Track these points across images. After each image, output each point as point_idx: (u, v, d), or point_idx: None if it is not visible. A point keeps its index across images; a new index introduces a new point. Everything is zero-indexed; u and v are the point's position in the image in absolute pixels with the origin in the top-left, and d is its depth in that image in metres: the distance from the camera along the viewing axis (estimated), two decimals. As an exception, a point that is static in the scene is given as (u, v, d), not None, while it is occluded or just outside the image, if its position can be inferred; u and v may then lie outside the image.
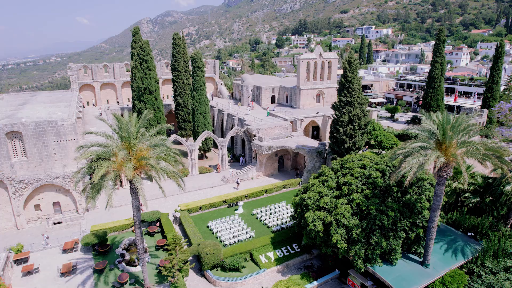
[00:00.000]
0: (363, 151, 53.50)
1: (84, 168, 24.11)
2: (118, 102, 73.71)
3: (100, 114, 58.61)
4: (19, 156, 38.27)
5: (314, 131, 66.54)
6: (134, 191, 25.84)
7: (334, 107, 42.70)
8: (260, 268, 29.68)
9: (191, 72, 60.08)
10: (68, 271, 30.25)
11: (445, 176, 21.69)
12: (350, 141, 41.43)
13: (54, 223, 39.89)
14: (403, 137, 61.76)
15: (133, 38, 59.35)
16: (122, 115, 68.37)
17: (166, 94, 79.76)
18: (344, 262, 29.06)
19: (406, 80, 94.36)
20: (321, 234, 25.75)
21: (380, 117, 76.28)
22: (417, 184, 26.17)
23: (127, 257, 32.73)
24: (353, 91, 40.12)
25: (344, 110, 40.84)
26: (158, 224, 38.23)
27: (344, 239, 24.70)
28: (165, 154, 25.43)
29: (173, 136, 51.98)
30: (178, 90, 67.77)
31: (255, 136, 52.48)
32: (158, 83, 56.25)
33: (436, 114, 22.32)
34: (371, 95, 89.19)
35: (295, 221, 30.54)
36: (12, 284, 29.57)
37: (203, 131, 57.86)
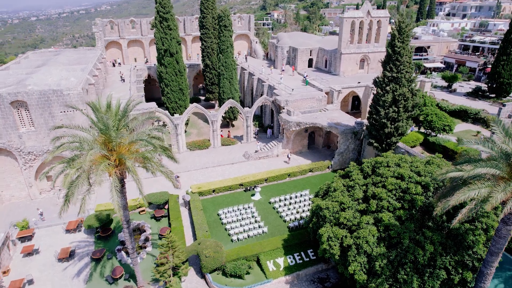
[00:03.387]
0: (411, 130, 45.67)
1: (56, 166, 20.72)
2: (146, 60, 70.06)
3: (123, 80, 55.34)
4: (27, 127, 36.41)
5: (355, 101, 58.99)
6: (118, 189, 22.32)
7: (376, 82, 35.30)
8: (266, 277, 25.90)
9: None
10: (66, 256, 28.69)
11: (516, 214, 15.34)
12: (392, 126, 34.47)
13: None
14: (460, 114, 52.56)
15: (157, -8, 53.69)
16: (148, 75, 65.35)
17: (197, 53, 74.50)
18: (365, 282, 24.28)
19: (473, 41, 79.99)
20: (336, 257, 20.90)
21: (435, 87, 65.76)
22: (472, 205, 19.80)
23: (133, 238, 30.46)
24: (401, 65, 32.34)
25: (388, 88, 33.45)
26: (166, 206, 35.44)
27: (365, 269, 19.70)
28: (153, 148, 21.11)
29: (193, 105, 47.72)
30: (206, 50, 62.47)
31: (283, 108, 46.67)
32: (180, 44, 51.10)
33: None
34: (426, 58, 77.16)
35: (309, 229, 25.68)
36: (11, 265, 28.72)
37: (228, 98, 52.99)
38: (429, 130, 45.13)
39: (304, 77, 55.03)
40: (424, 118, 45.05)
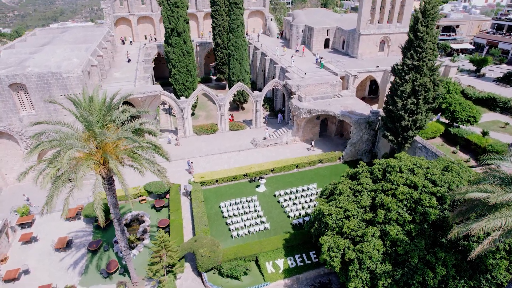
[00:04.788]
0: (437, 118, 42.27)
1: (37, 165, 19.54)
2: (155, 38, 67.80)
3: (129, 60, 53.50)
4: (28, 110, 35.50)
5: (373, 85, 55.52)
6: (107, 187, 21.10)
7: (394, 70, 32.18)
8: (264, 280, 24.60)
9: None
10: (62, 246, 28.20)
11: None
12: (410, 119, 31.60)
13: (69, 180, 38.19)
14: (487, 102, 48.59)
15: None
16: (158, 54, 63.12)
17: (208, 30, 71.51)
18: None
19: (508, 20, 73.38)
20: (337, 269, 19.21)
21: (461, 71, 61.12)
22: (494, 221, 17.45)
23: (126, 235, 29.67)
24: (423, 52, 29.07)
25: (407, 77, 30.36)
26: (168, 196, 34.36)
27: (367, 286, 17.93)
28: (140, 146, 19.42)
29: (200, 88, 45.71)
30: (217, 28, 59.66)
31: (294, 93, 44.07)
32: (188, 22, 48.50)
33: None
34: (454, 39, 71.61)
35: (311, 233, 23.88)
36: (10, 253, 28.52)
37: (238, 81, 50.68)
38: (451, 120, 41.80)
39: (316, 59, 51.81)
40: (446, 107, 41.63)
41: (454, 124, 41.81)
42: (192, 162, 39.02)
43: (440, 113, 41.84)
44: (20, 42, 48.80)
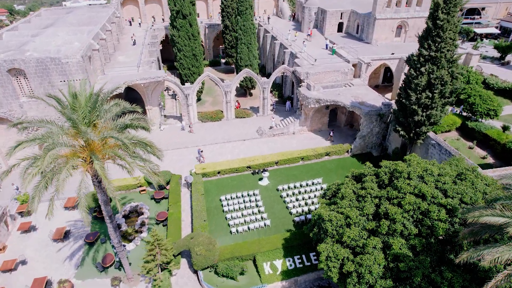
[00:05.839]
0: (460, 110, 39.69)
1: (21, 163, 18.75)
2: (163, 19, 65.86)
3: (134, 43, 51.94)
4: (28, 96, 34.81)
5: (388, 72, 52.79)
6: (96, 184, 20.26)
7: (409, 61, 29.87)
8: (261, 282, 23.77)
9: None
10: (60, 237, 27.92)
11: None
12: (424, 114, 29.52)
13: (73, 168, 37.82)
14: (511, 93, 45.56)
15: None
16: (166, 36, 61.29)
17: (218, 11, 68.95)
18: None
19: (539, 2, 68.30)
20: (335, 280, 18.08)
21: (484, 58, 57.46)
22: (509, 237, 15.87)
23: (124, 228, 29.26)
24: (442, 43, 26.65)
25: (422, 69, 28.08)
26: (168, 186, 33.55)
27: (365, 301, 16.80)
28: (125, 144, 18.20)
29: (205, 74, 44.10)
30: (226, 10, 57.41)
31: (303, 81, 42.08)
32: (194, 4, 46.46)
33: None
34: (478, 22, 67.18)
35: (312, 235, 22.68)
36: (9, 241, 28.42)
37: (246, 66, 48.83)
38: (469, 113, 39.20)
39: (327, 45, 49.34)
40: (465, 98, 38.98)
41: (472, 117, 39.24)
42: (202, 151, 37.94)
43: (463, 105, 39.28)
44: (24, 23, 47.83)
